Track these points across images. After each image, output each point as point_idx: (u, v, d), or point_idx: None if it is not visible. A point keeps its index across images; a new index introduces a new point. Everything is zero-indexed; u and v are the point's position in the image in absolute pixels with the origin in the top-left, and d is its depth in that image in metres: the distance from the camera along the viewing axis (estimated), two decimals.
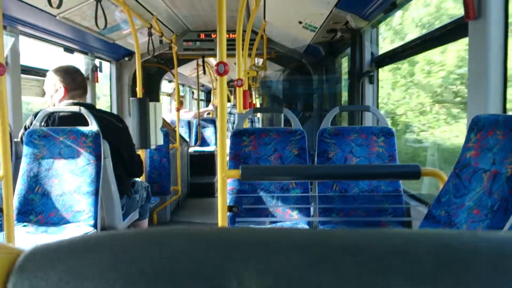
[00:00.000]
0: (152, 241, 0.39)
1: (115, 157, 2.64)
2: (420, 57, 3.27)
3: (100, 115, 2.62)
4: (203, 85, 11.39)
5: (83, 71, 4.52)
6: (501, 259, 0.37)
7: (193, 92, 11.26)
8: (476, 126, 1.52)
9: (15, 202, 2.47)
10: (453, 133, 2.98)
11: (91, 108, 2.65)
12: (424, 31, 3.02)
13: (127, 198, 2.78)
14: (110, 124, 2.65)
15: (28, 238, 2.29)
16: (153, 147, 3.59)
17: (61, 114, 2.68)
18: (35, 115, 2.64)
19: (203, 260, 0.37)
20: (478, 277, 0.36)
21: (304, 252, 0.38)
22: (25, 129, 2.69)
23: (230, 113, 7.20)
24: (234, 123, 5.97)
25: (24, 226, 2.43)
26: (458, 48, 2.79)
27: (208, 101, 12.54)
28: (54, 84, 2.65)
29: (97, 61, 4.75)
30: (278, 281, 0.36)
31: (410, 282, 0.35)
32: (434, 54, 3.09)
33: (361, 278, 0.36)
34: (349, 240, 0.39)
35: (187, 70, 8.04)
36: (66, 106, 2.59)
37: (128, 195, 2.81)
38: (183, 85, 10.07)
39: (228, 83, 10.28)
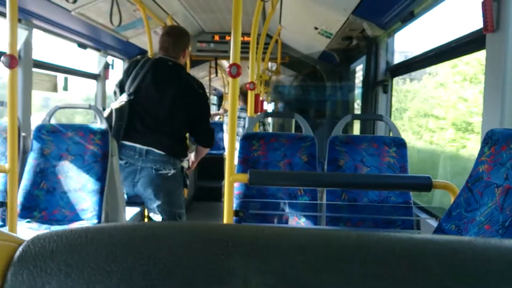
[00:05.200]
0: (151, 235, 0.40)
1: (184, 120, 2.54)
2: None
3: (184, 76, 2.56)
4: (215, 89, 11.38)
5: (95, 68, 4.54)
6: None
7: None
8: (490, 140, 1.50)
9: (20, 197, 2.45)
10: None
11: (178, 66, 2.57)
12: None
13: None
14: (190, 87, 2.53)
15: (31, 234, 2.26)
16: None
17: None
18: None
19: (203, 256, 0.37)
20: (488, 287, 0.34)
21: (307, 252, 0.37)
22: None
23: (239, 117, 7.18)
24: (244, 127, 5.91)
25: (28, 222, 2.42)
26: None
27: (219, 106, 12.56)
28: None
29: (109, 58, 4.76)
30: (280, 281, 0.36)
31: None
32: None
33: (365, 282, 0.35)
34: (353, 242, 0.38)
35: (200, 73, 8.03)
36: (77, 103, 2.58)
37: None
38: None
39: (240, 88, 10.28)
